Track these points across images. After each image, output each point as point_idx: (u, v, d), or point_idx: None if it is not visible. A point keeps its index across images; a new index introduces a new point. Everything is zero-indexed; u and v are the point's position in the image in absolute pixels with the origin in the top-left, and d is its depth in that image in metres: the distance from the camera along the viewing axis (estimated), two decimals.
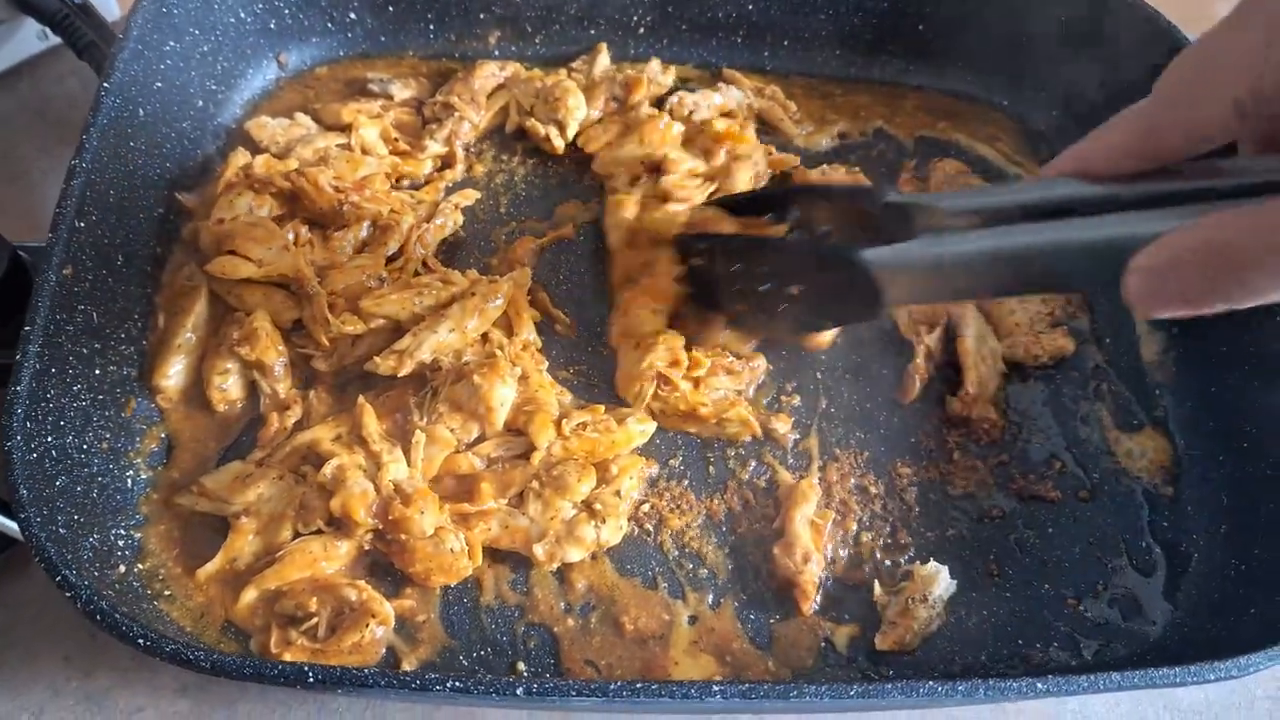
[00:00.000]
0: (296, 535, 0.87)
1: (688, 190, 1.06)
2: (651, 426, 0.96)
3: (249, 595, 0.84)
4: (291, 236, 0.99)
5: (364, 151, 1.10)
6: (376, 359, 0.94)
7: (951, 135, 1.22)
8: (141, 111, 0.97)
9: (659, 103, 1.17)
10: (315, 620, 0.82)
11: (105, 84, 0.93)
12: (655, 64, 1.19)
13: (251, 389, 0.96)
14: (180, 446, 0.93)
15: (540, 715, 0.89)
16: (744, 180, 1.09)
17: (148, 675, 0.90)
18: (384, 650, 0.84)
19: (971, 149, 1.21)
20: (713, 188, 1.08)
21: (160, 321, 0.96)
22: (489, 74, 1.17)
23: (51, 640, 0.91)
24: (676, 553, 0.92)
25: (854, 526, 0.94)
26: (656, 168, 1.09)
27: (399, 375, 0.94)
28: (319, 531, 0.87)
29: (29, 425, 0.76)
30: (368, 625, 0.82)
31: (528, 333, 1.00)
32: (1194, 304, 0.58)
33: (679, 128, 1.13)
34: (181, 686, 0.89)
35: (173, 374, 0.94)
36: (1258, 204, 0.55)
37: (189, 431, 0.94)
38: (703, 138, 1.12)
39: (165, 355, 0.95)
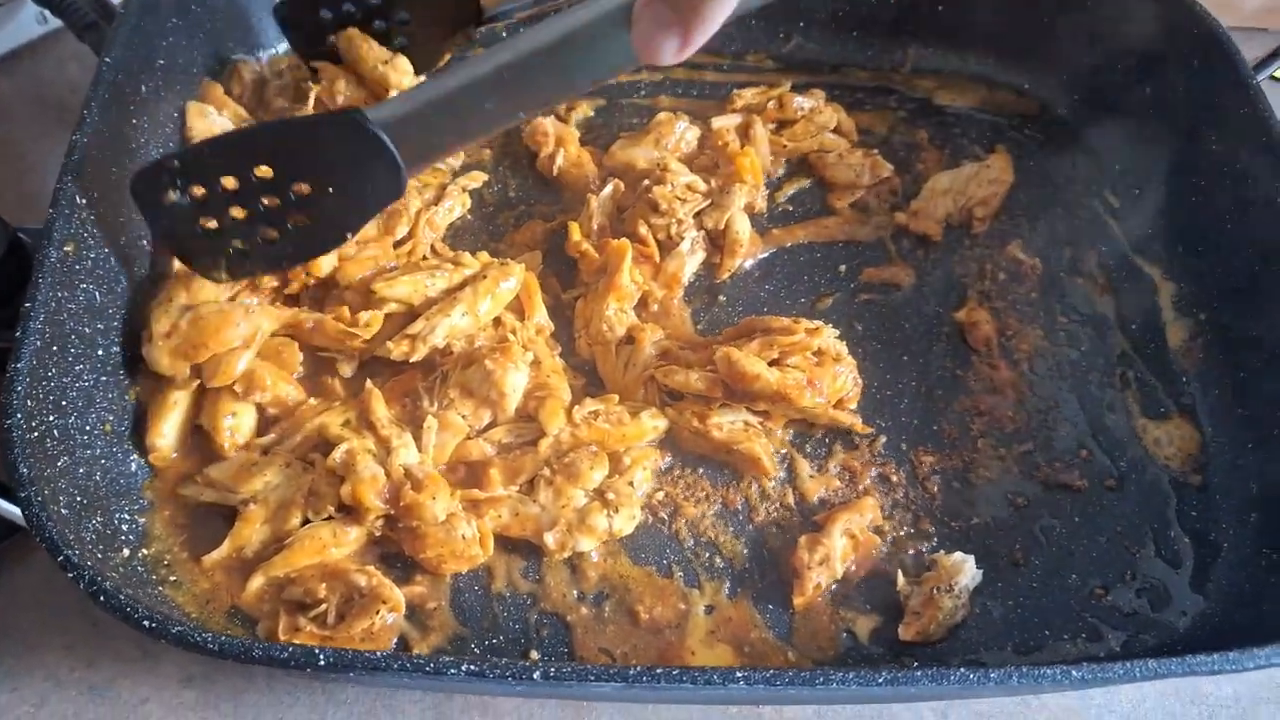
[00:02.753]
0: (305, 522, 0.85)
1: (673, 204, 1.03)
2: (664, 423, 0.94)
3: (256, 581, 0.82)
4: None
5: None
6: (389, 344, 0.91)
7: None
8: (143, 88, 0.95)
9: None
10: (324, 606, 0.80)
11: (106, 59, 0.90)
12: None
13: (264, 423, 0.92)
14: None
15: (550, 706, 0.86)
16: (737, 203, 1.06)
17: (151, 665, 0.88)
18: (395, 639, 0.82)
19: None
20: (705, 204, 1.06)
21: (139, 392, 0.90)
22: None
23: (53, 630, 0.89)
24: (692, 542, 0.90)
25: (876, 515, 0.91)
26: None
27: (411, 360, 0.91)
28: (329, 518, 0.85)
29: (29, 404, 0.73)
30: (378, 611, 0.80)
31: (539, 317, 0.97)
32: (685, 31, 0.63)
33: (694, 134, 1.11)
34: (187, 677, 0.87)
35: (166, 431, 0.88)
36: None
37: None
38: (706, 156, 1.11)
39: (156, 416, 0.88)
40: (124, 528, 0.82)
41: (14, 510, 0.79)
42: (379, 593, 0.81)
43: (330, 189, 0.78)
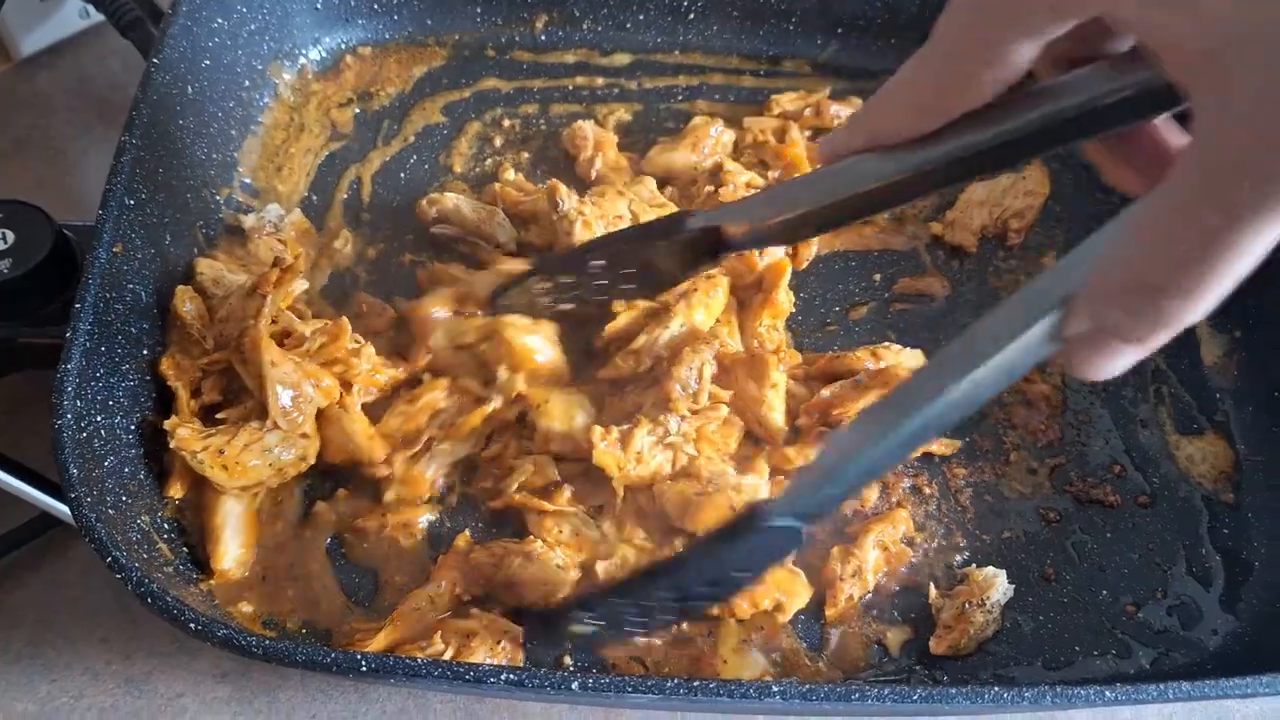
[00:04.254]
0: None
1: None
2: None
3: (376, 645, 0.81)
4: None
5: None
6: (617, 360, 0.92)
7: None
8: (190, 89, 0.96)
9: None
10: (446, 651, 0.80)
11: (155, 59, 0.91)
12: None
13: None
14: None
15: (580, 708, 0.87)
16: None
17: (187, 660, 0.89)
18: None
19: None
20: None
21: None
22: None
23: (90, 623, 0.90)
24: None
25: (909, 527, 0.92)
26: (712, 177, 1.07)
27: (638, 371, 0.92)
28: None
29: (79, 404, 0.75)
30: (499, 642, 0.80)
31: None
32: (1151, 342, 0.51)
33: (729, 136, 1.11)
34: (221, 673, 0.88)
35: (228, 555, 0.85)
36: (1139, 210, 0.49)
37: None
38: (755, 150, 1.11)
39: (214, 540, 0.85)
40: (166, 527, 0.83)
41: (62, 508, 0.81)
42: (496, 626, 0.81)
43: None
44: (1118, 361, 0.53)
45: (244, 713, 0.87)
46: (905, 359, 0.95)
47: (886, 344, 0.96)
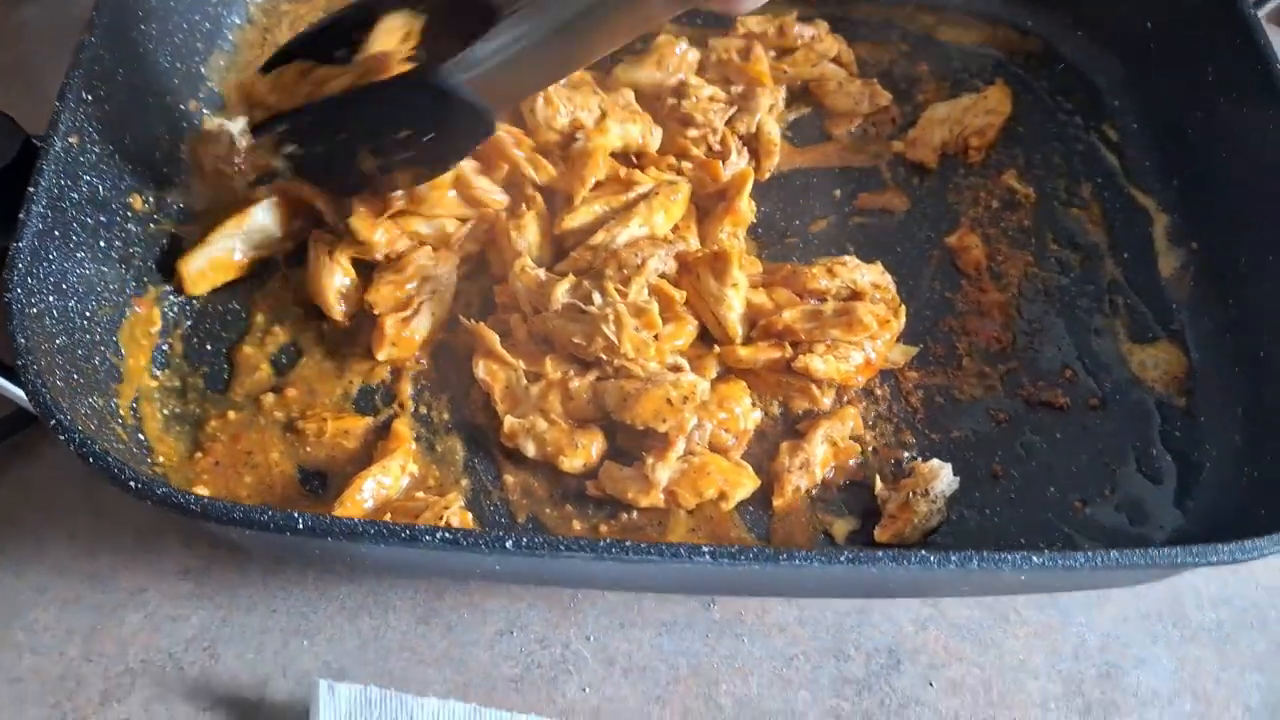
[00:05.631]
0: None
1: (707, 115, 1.05)
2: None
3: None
4: None
5: None
6: (572, 255, 0.95)
7: None
8: None
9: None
10: None
11: None
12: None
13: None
14: None
15: (539, 607, 0.87)
16: (764, 106, 1.08)
17: (150, 557, 0.90)
18: None
19: None
20: (732, 111, 1.07)
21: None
22: None
23: (57, 522, 0.91)
24: None
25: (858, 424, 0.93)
26: (675, 93, 1.08)
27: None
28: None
29: (30, 281, 0.76)
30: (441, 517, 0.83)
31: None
32: None
33: (694, 54, 1.12)
34: (184, 569, 0.89)
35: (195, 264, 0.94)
36: None
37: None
38: (719, 68, 1.12)
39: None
40: (120, 412, 0.84)
41: (17, 392, 0.82)
42: (440, 508, 0.83)
43: (424, 135, 0.83)
44: None
45: (204, 607, 0.88)
46: (860, 275, 0.96)
47: (843, 259, 0.97)
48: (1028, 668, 0.88)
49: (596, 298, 0.88)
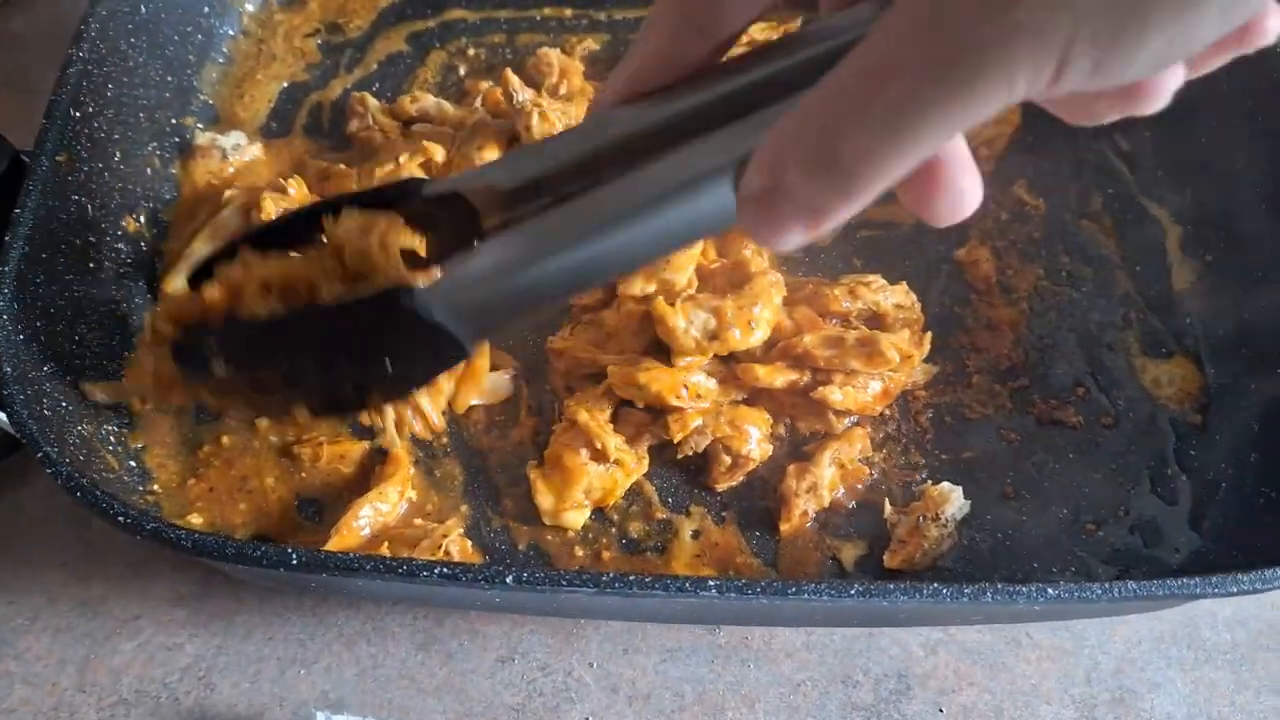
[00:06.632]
0: None
1: None
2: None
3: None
4: None
5: None
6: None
7: None
8: (143, 9, 0.95)
9: None
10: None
11: None
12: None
13: None
14: None
15: (541, 633, 0.86)
16: None
17: (143, 584, 0.88)
18: None
19: None
20: None
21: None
22: None
23: (50, 549, 0.90)
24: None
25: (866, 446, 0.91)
26: None
27: None
28: None
29: (16, 306, 0.74)
30: (439, 546, 0.81)
31: None
32: (822, 213, 0.43)
33: None
34: (178, 596, 0.88)
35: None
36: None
37: None
38: None
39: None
40: (111, 440, 0.83)
41: (3, 419, 0.81)
42: (440, 535, 0.82)
43: (386, 361, 0.61)
44: (785, 233, 0.45)
45: (199, 635, 0.86)
46: (884, 297, 0.93)
47: (866, 278, 0.95)
48: (1040, 692, 0.86)
49: None
